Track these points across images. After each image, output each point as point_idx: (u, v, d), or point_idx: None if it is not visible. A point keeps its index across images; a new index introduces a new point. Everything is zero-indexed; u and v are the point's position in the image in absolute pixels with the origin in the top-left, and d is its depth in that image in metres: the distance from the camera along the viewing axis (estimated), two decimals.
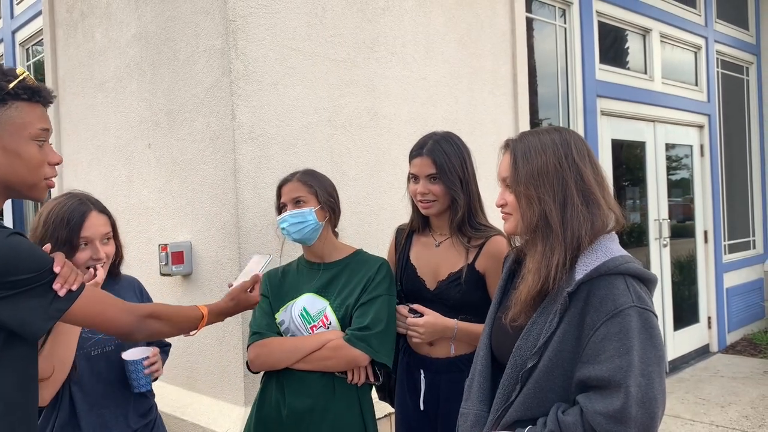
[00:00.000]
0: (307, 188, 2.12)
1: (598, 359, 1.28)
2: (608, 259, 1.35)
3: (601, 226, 1.40)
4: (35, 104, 1.34)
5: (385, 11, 3.23)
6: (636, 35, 5.62)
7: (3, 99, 1.28)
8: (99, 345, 1.89)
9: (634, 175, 5.68)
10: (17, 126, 1.30)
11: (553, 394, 1.35)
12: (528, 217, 1.43)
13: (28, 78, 1.32)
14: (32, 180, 1.34)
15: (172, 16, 2.95)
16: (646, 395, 1.25)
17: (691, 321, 6.10)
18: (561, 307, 1.35)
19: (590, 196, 1.40)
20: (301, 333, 2.07)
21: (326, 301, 2.09)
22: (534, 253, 1.43)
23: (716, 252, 6.33)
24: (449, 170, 2.03)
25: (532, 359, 1.37)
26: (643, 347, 1.27)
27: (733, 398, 4.89)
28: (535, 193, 1.42)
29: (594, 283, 1.34)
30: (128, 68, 3.28)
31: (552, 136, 1.47)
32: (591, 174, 1.43)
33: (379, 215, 3.14)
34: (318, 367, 2.01)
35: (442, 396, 2.05)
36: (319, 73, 2.92)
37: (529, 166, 1.44)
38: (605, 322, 1.30)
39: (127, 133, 3.31)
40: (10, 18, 5.38)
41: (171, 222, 3.02)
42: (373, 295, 2.05)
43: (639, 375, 1.25)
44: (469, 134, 3.56)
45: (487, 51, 3.85)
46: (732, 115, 6.81)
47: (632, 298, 1.31)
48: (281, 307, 2.13)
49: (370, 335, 2.00)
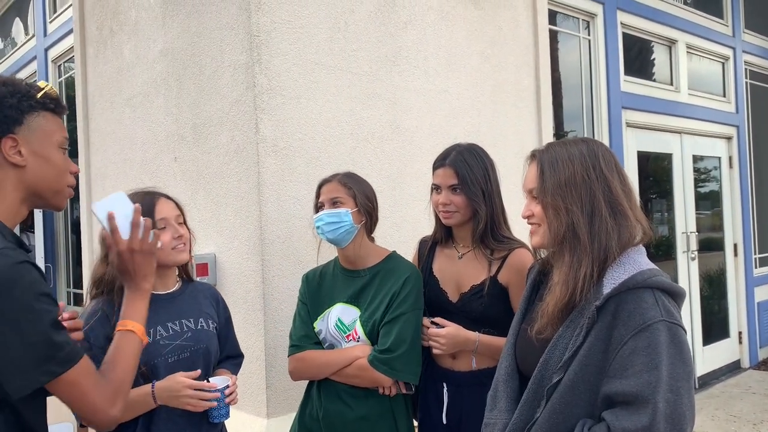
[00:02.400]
0: (346, 190, 2.12)
1: (626, 374, 1.26)
2: (636, 272, 1.33)
3: (629, 239, 1.38)
4: (57, 114, 1.40)
5: (407, 25, 3.25)
6: (662, 46, 5.57)
7: (32, 107, 1.34)
8: (175, 352, 1.87)
9: (661, 188, 5.60)
10: (45, 133, 1.36)
11: (578, 410, 1.33)
12: (555, 227, 1.42)
13: (51, 90, 1.38)
14: (58, 186, 1.39)
15: (198, 32, 3.01)
16: (675, 411, 1.22)
17: (721, 336, 5.98)
18: (588, 321, 1.33)
19: (618, 208, 1.39)
20: (338, 342, 2.11)
21: (358, 310, 2.11)
22: (561, 265, 1.42)
23: (746, 265, 6.21)
24: (471, 181, 2.03)
25: (558, 374, 1.35)
26: (672, 362, 1.25)
27: (765, 416, 4.77)
28: (562, 203, 1.40)
29: (622, 297, 1.32)
30: (155, 83, 3.34)
31: (579, 146, 1.45)
32: (619, 185, 1.41)
33: (401, 227, 3.15)
34: (348, 382, 2.06)
35: (464, 409, 2.04)
36: (342, 86, 2.95)
37: (557, 176, 1.42)
38: (633, 336, 1.27)
39: (153, 146, 3.37)
40: (43, 36, 5.53)
41: (196, 234, 3.04)
42: (397, 314, 2.04)
43: (667, 391, 1.23)
44: (492, 146, 3.54)
45: (509, 63, 3.84)
46: (761, 126, 6.69)
47: (661, 312, 1.29)
48: (319, 315, 2.16)
49: (393, 358, 2.01)
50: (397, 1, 3.21)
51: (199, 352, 1.91)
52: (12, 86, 1.33)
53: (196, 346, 1.91)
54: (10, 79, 1.36)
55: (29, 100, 1.33)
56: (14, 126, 1.31)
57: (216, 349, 2.00)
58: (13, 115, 1.31)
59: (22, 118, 1.32)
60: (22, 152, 1.32)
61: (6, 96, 1.31)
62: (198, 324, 1.94)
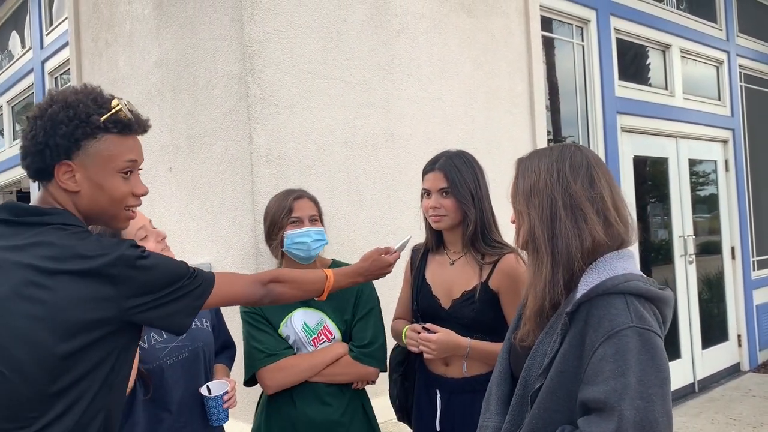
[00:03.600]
0: (317, 208, 2.21)
1: (596, 381, 1.25)
2: (607, 278, 1.32)
3: (594, 244, 1.36)
4: (127, 136, 1.35)
5: (400, 33, 3.27)
6: (656, 51, 5.60)
7: (89, 134, 1.30)
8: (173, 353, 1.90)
9: (658, 192, 5.61)
10: (104, 159, 1.32)
11: (559, 415, 1.32)
12: (523, 232, 1.44)
13: (122, 112, 1.32)
14: (113, 212, 1.37)
15: (191, 43, 3.03)
16: (645, 418, 1.20)
17: (720, 339, 5.97)
18: (562, 327, 1.33)
19: (579, 213, 1.37)
20: (305, 346, 2.13)
21: (321, 313, 2.15)
22: (530, 271, 1.43)
23: (744, 268, 6.20)
24: (460, 184, 2.04)
25: (539, 380, 1.35)
26: (643, 369, 1.22)
27: (765, 418, 4.76)
28: (526, 209, 1.42)
29: (593, 302, 1.31)
30: (150, 94, 3.36)
31: (553, 152, 1.45)
32: (583, 190, 1.38)
33: (395, 235, 3.15)
34: (330, 380, 2.12)
35: (458, 416, 2.04)
36: (335, 95, 2.96)
37: (524, 182, 1.44)
38: (603, 343, 1.26)
39: (148, 157, 3.35)
40: (39, 49, 5.56)
41: (191, 244, 3.07)
42: (368, 309, 2.18)
43: (637, 398, 1.20)
44: (486, 153, 3.57)
45: (503, 70, 3.86)
46: (757, 129, 6.70)
47: (631, 318, 1.26)
48: (280, 321, 2.15)
49: (375, 350, 2.16)
50: (390, 10, 3.23)
51: (197, 351, 1.94)
52: (74, 110, 1.28)
53: (193, 345, 1.94)
54: (77, 100, 1.30)
55: (87, 126, 1.29)
56: (70, 152, 1.29)
57: (212, 346, 2.04)
58: (65, 144, 1.28)
59: (78, 144, 1.29)
60: (77, 178, 1.30)
61: (63, 122, 1.27)
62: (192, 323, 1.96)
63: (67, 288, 1.22)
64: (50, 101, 1.31)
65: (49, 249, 1.24)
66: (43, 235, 1.26)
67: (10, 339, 1.21)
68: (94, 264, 1.24)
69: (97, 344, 1.25)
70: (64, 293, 1.21)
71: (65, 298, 1.21)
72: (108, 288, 1.24)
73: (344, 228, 2.95)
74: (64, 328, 1.21)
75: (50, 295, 1.21)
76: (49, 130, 1.27)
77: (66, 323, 1.21)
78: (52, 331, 1.20)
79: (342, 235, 2.93)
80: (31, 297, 1.21)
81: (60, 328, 1.21)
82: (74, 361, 1.23)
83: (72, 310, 1.21)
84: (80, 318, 1.22)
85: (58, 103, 1.29)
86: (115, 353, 1.29)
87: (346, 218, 2.96)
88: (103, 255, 1.25)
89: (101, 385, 1.27)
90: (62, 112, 1.28)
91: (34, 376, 1.21)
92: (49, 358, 1.21)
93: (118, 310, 1.26)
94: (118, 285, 1.25)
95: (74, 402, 1.24)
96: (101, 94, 1.34)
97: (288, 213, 2.14)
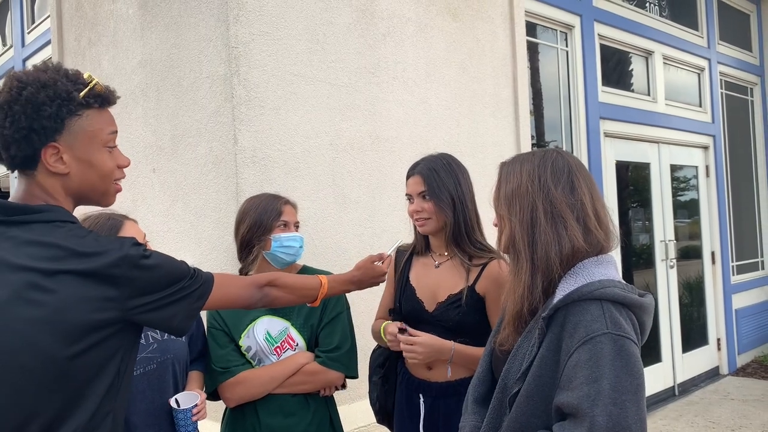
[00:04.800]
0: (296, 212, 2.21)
1: (570, 386, 1.26)
2: (584, 284, 1.33)
3: (573, 250, 1.36)
4: (104, 109, 1.33)
5: (386, 37, 3.28)
6: (639, 57, 5.66)
7: (73, 111, 1.26)
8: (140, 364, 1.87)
9: (640, 197, 5.67)
10: (89, 135, 1.29)
11: (536, 419, 1.33)
12: (504, 237, 1.45)
13: (98, 85, 1.29)
14: (104, 187, 1.34)
15: (176, 43, 3.01)
16: (618, 425, 1.20)
17: (700, 343, 6.04)
18: (539, 332, 1.34)
19: (558, 219, 1.38)
20: (267, 356, 2.09)
21: (285, 321, 2.11)
22: (511, 276, 1.44)
23: (724, 273, 6.28)
24: (438, 187, 2.05)
25: (517, 384, 1.36)
26: (617, 375, 1.23)
27: (744, 421, 4.82)
28: (507, 214, 1.43)
29: (569, 308, 1.32)
30: (133, 95, 3.33)
31: (535, 158, 1.46)
32: (563, 196, 1.39)
33: (381, 237, 3.16)
34: (294, 390, 2.07)
35: (441, 420, 2.04)
36: (321, 97, 2.96)
37: (506, 187, 1.45)
38: (577, 349, 1.27)
39: (132, 158, 3.31)
40: (21, 47, 5.50)
41: (174, 245, 3.04)
42: (335, 314, 2.13)
43: (610, 404, 1.21)
44: (471, 157, 3.58)
45: (488, 75, 3.88)
46: (737, 135, 6.81)
47: (606, 324, 1.27)
48: (242, 332, 2.11)
49: (342, 355, 2.10)
50: (376, 13, 3.23)
51: (166, 364, 1.91)
52: (52, 89, 1.23)
53: (163, 357, 1.90)
54: (51, 79, 1.24)
55: (70, 103, 1.25)
56: (55, 134, 1.24)
57: (186, 358, 2.00)
58: (52, 125, 1.23)
59: (63, 124, 1.25)
60: (65, 159, 1.26)
61: (45, 103, 1.22)
62: (164, 334, 1.93)
63: (69, 289, 1.19)
64: (20, 84, 1.23)
65: (47, 249, 1.20)
66: (38, 234, 1.22)
67: (13, 344, 1.17)
68: (96, 264, 1.21)
69: (102, 346, 1.22)
70: (66, 294, 1.18)
71: (67, 299, 1.18)
72: (110, 288, 1.22)
73: (329, 230, 2.95)
74: (68, 330, 1.18)
75: (51, 297, 1.18)
76: (31, 114, 1.22)
77: (69, 325, 1.18)
78: (56, 334, 1.17)
79: (327, 237, 2.93)
80: (32, 300, 1.17)
81: (63, 331, 1.18)
82: (80, 365, 1.20)
83: (74, 312, 1.18)
84: (83, 319, 1.19)
85: (32, 85, 1.23)
86: (119, 355, 1.26)
87: (331, 220, 2.96)
88: (105, 254, 1.22)
89: (108, 388, 1.25)
90: (42, 92, 1.22)
91: (39, 381, 1.17)
92: (55, 363, 1.17)
93: (120, 311, 1.23)
94: (120, 285, 1.23)
95: (81, 407, 1.21)
96: (69, 70, 1.30)
97: (278, 216, 2.12)
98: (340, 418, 2.24)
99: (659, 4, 5.91)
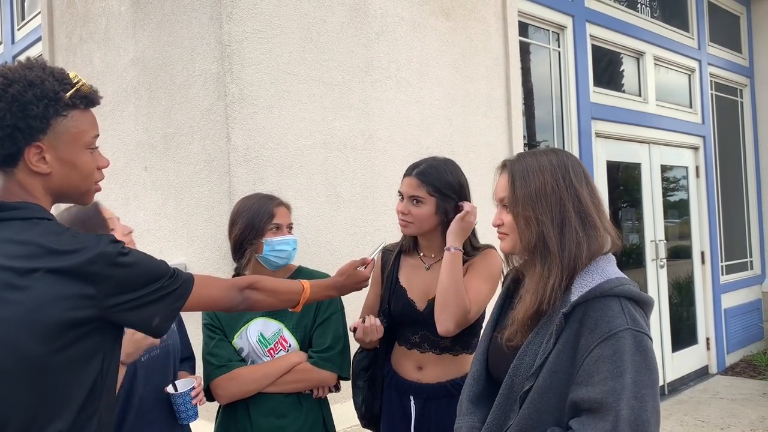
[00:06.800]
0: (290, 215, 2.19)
1: (591, 381, 1.28)
2: (604, 281, 1.35)
3: (598, 248, 1.40)
4: (88, 110, 1.32)
5: (379, 36, 3.28)
6: (630, 58, 5.69)
7: (59, 111, 1.25)
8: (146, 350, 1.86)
9: (631, 197, 5.70)
10: (73, 136, 1.28)
11: (548, 416, 1.34)
12: (526, 237, 1.43)
13: (84, 86, 1.28)
14: (85, 187, 1.34)
15: (169, 41, 2.99)
16: (639, 418, 1.24)
17: (689, 342, 6.08)
18: (557, 328, 1.35)
19: (587, 218, 1.41)
20: (259, 358, 2.08)
21: (279, 323, 2.10)
22: (533, 274, 1.43)
23: (713, 273, 6.33)
24: (437, 193, 2.02)
25: (529, 381, 1.36)
26: (637, 370, 1.26)
27: (732, 420, 4.86)
28: (533, 214, 1.42)
29: (589, 304, 1.34)
30: (125, 92, 3.31)
31: (549, 157, 1.47)
32: (588, 196, 1.43)
33: (373, 237, 3.16)
34: (287, 389, 2.06)
35: (433, 422, 2.03)
36: (314, 96, 2.96)
37: (527, 187, 1.44)
38: (599, 344, 1.29)
39: (123, 155, 3.34)
40: (11, 43, 5.45)
41: (167, 244, 3.03)
42: (329, 314, 2.12)
43: (632, 398, 1.24)
44: (464, 156, 3.59)
45: (480, 75, 3.89)
46: (727, 136, 6.85)
47: (627, 320, 1.30)
48: (235, 333, 2.11)
49: (335, 355, 2.09)
50: (369, 12, 3.23)
51: (167, 348, 1.94)
52: (39, 88, 1.22)
53: (164, 343, 1.93)
54: (38, 77, 1.23)
55: (57, 104, 1.23)
56: (39, 134, 1.22)
57: (179, 345, 2.03)
58: (38, 125, 1.22)
59: (48, 124, 1.23)
60: (47, 159, 1.24)
61: (31, 102, 1.20)
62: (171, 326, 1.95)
63: (44, 287, 1.16)
64: (5, 80, 1.21)
65: (23, 247, 1.18)
66: (14, 232, 1.20)
67: None
68: (72, 261, 1.19)
69: (80, 345, 1.20)
70: (41, 292, 1.16)
71: (43, 297, 1.16)
72: (88, 286, 1.20)
73: (322, 229, 2.94)
74: (44, 329, 1.16)
75: (25, 295, 1.16)
76: (17, 112, 1.19)
77: (45, 324, 1.16)
78: (33, 333, 1.15)
79: (320, 236, 2.93)
80: (5, 299, 1.16)
81: (40, 330, 1.16)
82: (58, 364, 1.18)
83: (49, 310, 1.16)
84: (59, 317, 1.17)
85: (19, 82, 1.21)
86: (99, 355, 1.24)
87: (323, 219, 2.96)
88: (81, 251, 1.20)
89: (90, 389, 1.23)
90: (29, 91, 1.20)
91: (16, 382, 1.15)
92: (32, 363, 1.16)
93: (98, 309, 1.21)
94: (97, 283, 1.20)
95: (63, 409, 1.19)
96: (55, 68, 1.28)
97: (270, 219, 2.09)
98: (333, 419, 2.23)
99: (650, 5, 5.94)
